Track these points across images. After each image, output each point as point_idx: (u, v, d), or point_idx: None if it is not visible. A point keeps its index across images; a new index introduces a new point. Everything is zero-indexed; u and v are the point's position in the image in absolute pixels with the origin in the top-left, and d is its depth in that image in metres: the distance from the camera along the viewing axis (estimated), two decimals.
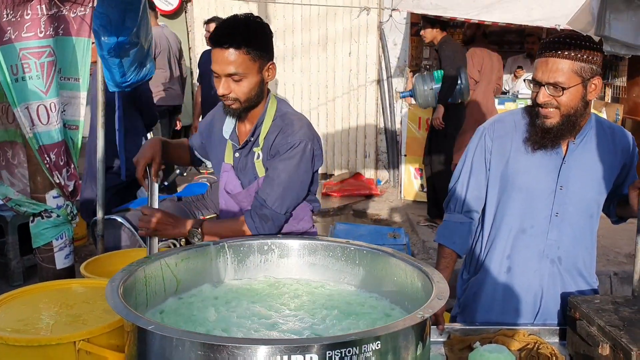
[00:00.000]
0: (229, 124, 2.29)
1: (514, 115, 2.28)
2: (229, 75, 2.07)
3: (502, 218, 2.27)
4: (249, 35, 2.06)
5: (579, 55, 2.02)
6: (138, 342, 1.29)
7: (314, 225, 2.40)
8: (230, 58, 2.05)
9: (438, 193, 6.20)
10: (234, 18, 2.11)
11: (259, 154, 2.23)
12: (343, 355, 1.17)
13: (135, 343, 1.31)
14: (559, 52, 2.03)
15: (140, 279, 1.58)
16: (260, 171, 2.23)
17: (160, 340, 1.23)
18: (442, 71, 5.75)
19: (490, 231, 2.32)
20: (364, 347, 1.19)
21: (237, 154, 2.27)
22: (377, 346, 1.20)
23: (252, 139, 2.23)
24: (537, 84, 2.09)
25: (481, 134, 2.30)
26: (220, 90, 2.10)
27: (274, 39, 2.19)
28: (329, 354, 1.16)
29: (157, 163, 2.24)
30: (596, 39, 2.01)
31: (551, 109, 2.08)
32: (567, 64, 2.03)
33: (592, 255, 2.30)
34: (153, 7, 7.11)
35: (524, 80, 2.26)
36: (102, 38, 2.30)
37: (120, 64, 2.39)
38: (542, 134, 2.13)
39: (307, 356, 1.15)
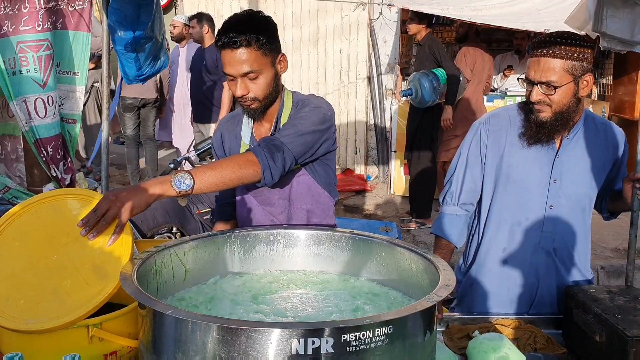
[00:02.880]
0: (245, 127, 2.24)
1: (509, 110, 2.34)
2: (245, 74, 2.03)
3: (498, 210, 2.33)
4: (256, 31, 2.02)
5: (570, 54, 2.08)
6: (154, 327, 1.32)
7: (335, 222, 2.38)
8: (242, 57, 2.00)
9: (420, 190, 6.29)
10: (237, 16, 2.08)
11: None
12: (357, 338, 1.21)
13: (151, 328, 1.33)
14: (550, 52, 2.09)
15: (152, 268, 1.61)
16: None
17: (177, 325, 1.26)
18: (444, 70, 5.82)
19: (486, 223, 2.37)
20: (377, 330, 1.23)
21: None
22: (390, 330, 1.24)
23: (274, 132, 2.16)
24: (530, 82, 2.16)
25: (477, 128, 2.36)
26: (238, 92, 2.05)
27: None
28: (344, 337, 1.20)
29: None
30: (593, 35, 2.07)
31: (544, 106, 2.14)
32: (558, 63, 2.08)
33: (587, 247, 2.37)
34: None
35: (518, 78, 2.31)
36: (118, 33, 2.31)
37: (137, 58, 2.40)
38: (537, 129, 2.19)
39: (323, 339, 1.18)
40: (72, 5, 3.17)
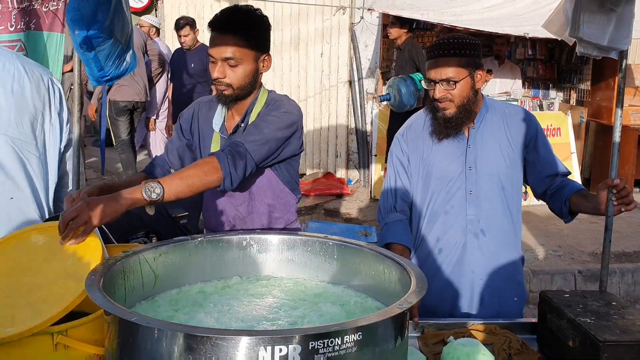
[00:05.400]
0: (218, 116, 2.30)
1: (419, 116, 2.59)
2: (225, 59, 2.12)
3: (429, 206, 2.53)
4: (249, 23, 2.14)
5: (462, 52, 2.33)
6: (120, 334, 1.29)
7: (297, 219, 2.42)
8: (228, 42, 2.11)
9: None
10: (236, 7, 2.19)
11: None
12: (326, 345, 1.19)
13: (116, 336, 1.30)
14: (446, 52, 2.34)
15: (119, 273, 1.58)
16: None
17: (143, 332, 1.23)
18: (422, 74, 5.85)
19: (420, 221, 2.56)
20: (346, 337, 1.21)
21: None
22: (359, 337, 1.23)
23: (243, 125, 2.24)
24: (432, 82, 2.38)
25: (397, 139, 2.60)
26: (215, 74, 2.14)
27: None
28: (312, 344, 1.18)
29: None
30: (570, 41, 2.08)
31: (447, 102, 2.36)
32: (454, 61, 2.33)
33: (515, 224, 2.51)
34: None
35: (420, 80, 2.54)
36: (75, 32, 2.29)
37: (96, 57, 2.37)
38: (445, 124, 2.41)
39: (291, 347, 1.16)
40: (47, 5, 3.12)
